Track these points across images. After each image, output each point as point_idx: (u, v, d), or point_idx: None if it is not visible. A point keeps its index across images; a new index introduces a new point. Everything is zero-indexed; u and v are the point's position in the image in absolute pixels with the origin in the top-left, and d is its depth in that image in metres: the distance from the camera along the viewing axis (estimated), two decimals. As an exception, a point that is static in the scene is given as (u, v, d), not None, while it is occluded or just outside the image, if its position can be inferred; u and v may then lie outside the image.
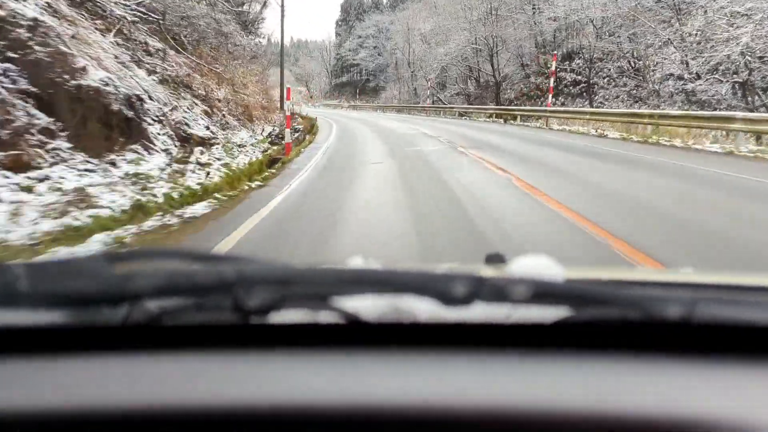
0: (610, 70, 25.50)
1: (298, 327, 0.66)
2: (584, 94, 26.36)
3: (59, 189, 5.44)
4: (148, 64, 10.36)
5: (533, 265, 0.71)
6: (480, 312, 0.63)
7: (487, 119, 27.73)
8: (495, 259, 0.99)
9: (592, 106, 23.50)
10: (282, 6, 26.40)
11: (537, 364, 0.63)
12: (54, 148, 6.00)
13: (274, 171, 8.57)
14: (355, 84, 71.16)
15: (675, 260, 3.55)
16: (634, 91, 23.40)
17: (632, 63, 23.94)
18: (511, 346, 0.65)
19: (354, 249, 3.63)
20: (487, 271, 0.78)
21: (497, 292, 0.60)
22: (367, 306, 0.65)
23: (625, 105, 22.60)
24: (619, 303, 0.63)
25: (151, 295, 0.62)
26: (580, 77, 27.39)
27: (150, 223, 4.89)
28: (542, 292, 0.61)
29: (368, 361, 0.63)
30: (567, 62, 28.22)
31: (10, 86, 5.84)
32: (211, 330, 0.65)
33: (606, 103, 24.21)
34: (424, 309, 0.64)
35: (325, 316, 0.65)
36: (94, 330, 0.65)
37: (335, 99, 73.60)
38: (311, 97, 70.29)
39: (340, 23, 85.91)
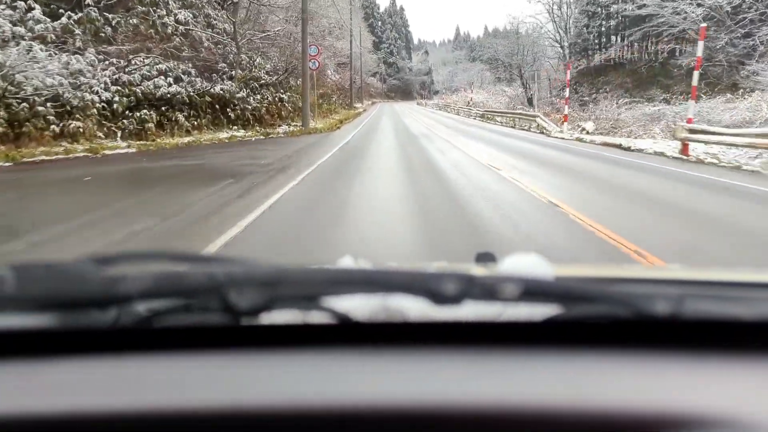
0: None
1: (288, 328, 0.66)
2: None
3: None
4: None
5: (523, 264, 0.71)
6: (470, 311, 0.63)
7: None
8: (485, 257, 0.99)
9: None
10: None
11: (528, 362, 0.63)
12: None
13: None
14: (619, 69, 31.02)
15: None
16: None
17: None
18: (501, 344, 0.65)
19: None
20: (478, 270, 0.78)
21: (487, 290, 0.60)
22: (358, 306, 0.65)
23: None
24: (607, 300, 0.64)
25: (139, 298, 0.61)
26: None
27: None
28: (532, 291, 0.61)
29: (359, 361, 0.63)
30: None
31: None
32: (200, 332, 0.65)
33: None
34: (414, 308, 0.64)
35: (315, 317, 0.65)
36: (83, 333, 0.65)
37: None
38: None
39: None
